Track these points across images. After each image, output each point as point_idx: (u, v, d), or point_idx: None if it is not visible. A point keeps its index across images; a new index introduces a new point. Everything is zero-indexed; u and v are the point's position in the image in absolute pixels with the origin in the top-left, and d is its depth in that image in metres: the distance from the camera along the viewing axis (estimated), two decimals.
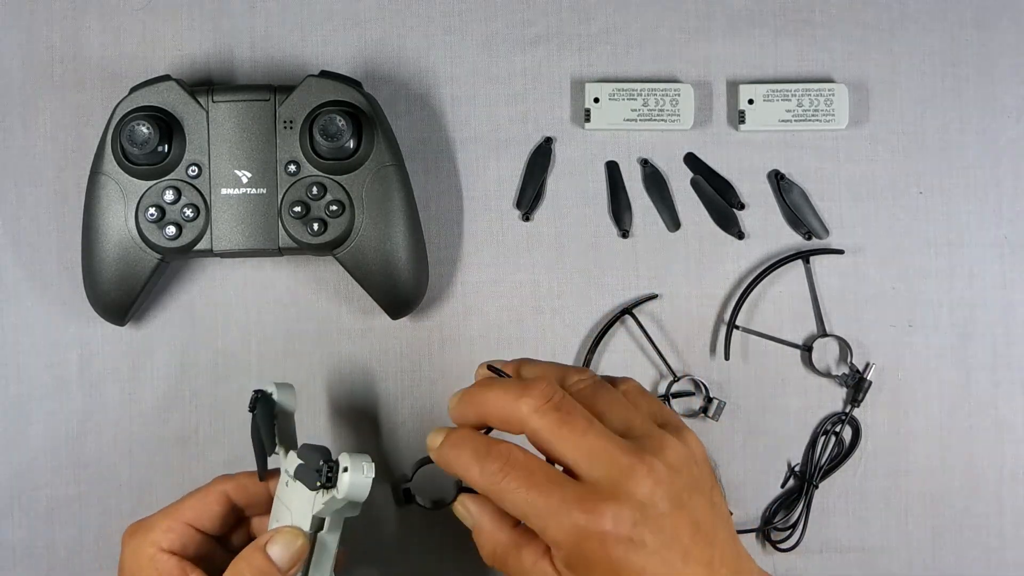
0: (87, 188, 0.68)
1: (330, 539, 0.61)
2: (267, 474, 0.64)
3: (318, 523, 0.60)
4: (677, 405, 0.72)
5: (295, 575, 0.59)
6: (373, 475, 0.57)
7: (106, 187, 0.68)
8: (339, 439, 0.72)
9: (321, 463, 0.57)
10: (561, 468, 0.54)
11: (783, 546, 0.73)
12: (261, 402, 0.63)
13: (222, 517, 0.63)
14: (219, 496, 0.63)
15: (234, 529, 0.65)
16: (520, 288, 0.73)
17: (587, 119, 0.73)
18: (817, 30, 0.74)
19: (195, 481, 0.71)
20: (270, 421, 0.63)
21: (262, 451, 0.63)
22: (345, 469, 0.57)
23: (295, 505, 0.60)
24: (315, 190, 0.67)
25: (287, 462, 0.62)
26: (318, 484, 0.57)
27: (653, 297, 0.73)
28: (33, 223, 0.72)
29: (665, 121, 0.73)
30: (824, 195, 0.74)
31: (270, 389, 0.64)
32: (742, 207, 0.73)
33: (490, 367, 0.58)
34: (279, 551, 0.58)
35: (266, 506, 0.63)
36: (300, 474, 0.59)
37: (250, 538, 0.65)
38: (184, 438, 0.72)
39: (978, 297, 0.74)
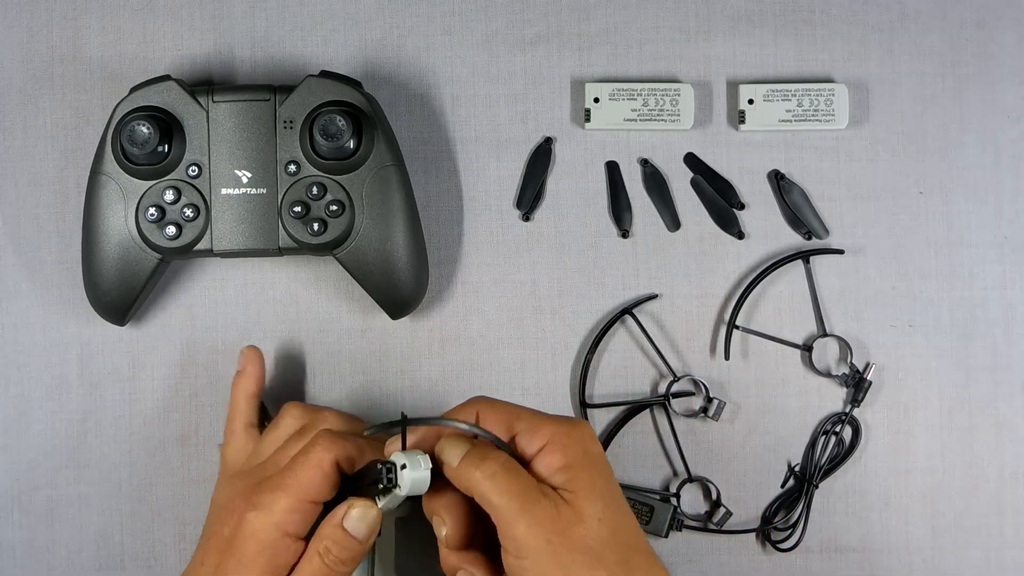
0: (87, 188, 0.68)
1: (386, 535, 0.62)
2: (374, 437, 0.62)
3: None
4: (677, 405, 0.72)
5: (369, 546, 0.59)
6: (431, 466, 0.55)
7: (106, 187, 0.68)
8: None
9: (380, 465, 0.55)
10: None
11: (783, 546, 0.73)
12: None
13: (335, 486, 0.60)
14: (333, 467, 0.59)
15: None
16: (520, 288, 0.73)
17: (587, 119, 0.73)
18: (817, 30, 0.74)
19: (195, 481, 0.72)
20: None
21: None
22: (404, 466, 0.55)
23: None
24: (315, 190, 0.67)
25: None
26: (381, 486, 0.55)
27: (653, 297, 0.73)
28: (33, 223, 0.72)
29: (665, 121, 0.73)
30: (824, 195, 0.74)
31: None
32: (742, 207, 0.73)
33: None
34: (355, 524, 0.58)
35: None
36: (358, 480, 0.58)
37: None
38: (184, 438, 0.72)
39: (978, 297, 0.74)
